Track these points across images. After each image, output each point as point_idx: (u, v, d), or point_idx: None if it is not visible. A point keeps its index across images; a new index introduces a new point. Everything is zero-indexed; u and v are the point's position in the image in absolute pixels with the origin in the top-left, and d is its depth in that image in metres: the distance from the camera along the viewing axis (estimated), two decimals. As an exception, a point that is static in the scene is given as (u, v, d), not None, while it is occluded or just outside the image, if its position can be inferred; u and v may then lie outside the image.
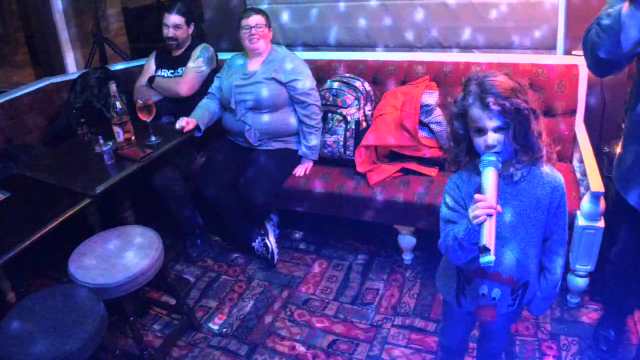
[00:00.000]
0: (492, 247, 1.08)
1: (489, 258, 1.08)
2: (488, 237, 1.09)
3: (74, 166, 2.17)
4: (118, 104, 2.17)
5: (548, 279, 1.37)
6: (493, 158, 1.15)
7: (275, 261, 2.54)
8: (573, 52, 2.36)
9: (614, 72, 1.34)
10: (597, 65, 1.35)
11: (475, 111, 1.18)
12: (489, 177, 1.14)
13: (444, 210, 1.32)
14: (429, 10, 2.64)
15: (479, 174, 1.17)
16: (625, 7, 1.18)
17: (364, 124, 2.52)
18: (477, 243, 1.11)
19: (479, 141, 1.20)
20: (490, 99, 1.15)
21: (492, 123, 1.17)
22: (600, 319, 1.98)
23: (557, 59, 2.38)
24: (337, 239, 2.71)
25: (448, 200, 1.31)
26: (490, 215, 1.10)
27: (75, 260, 1.83)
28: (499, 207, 1.12)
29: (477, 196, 1.13)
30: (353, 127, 2.49)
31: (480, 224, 1.10)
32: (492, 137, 1.17)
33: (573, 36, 2.34)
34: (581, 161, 2.12)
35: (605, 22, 1.25)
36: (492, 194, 1.12)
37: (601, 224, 1.90)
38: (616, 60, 1.27)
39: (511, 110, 1.15)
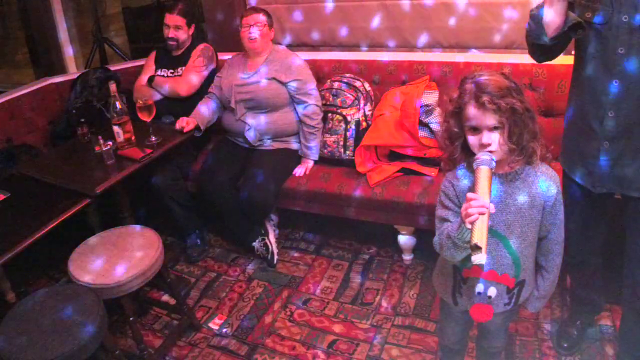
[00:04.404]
0: (484, 246, 1.08)
1: (480, 257, 1.08)
2: (480, 235, 1.08)
3: (74, 166, 2.17)
4: (118, 104, 2.17)
5: (545, 278, 1.38)
6: (487, 157, 1.15)
7: (275, 261, 2.54)
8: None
9: (548, 57, 1.53)
10: (533, 51, 1.52)
11: (471, 109, 1.19)
12: (483, 176, 1.14)
13: (438, 209, 1.33)
14: (429, 11, 2.64)
15: (473, 172, 1.17)
16: None
17: (364, 124, 2.52)
18: (469, 242, 1.10)
19: (474, 140, 1.21)
20: (486, 98, 1.16)
21: (487, 122, 1.17)
22: (568, 316, 1.99)
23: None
24: (337, 239, 2.71)
25: (443, 198, 1.32)
26: (482, 214, 1.09)
27: (75, 260, 1.83)
28: (491, 206, 1.11)
29: (469, 195, 1.12)
30: (353, 127, 2.49)
31: (472, 223, 1.10)
32: (487, 136, 1.18)
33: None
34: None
35: (534, 12, 1.42)
36: (484, 193, 1.12)
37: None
38: (544, 44, 1.42)
39: (506, 109, 1.15)
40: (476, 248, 1.08)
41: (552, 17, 1.36)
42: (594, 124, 1.45)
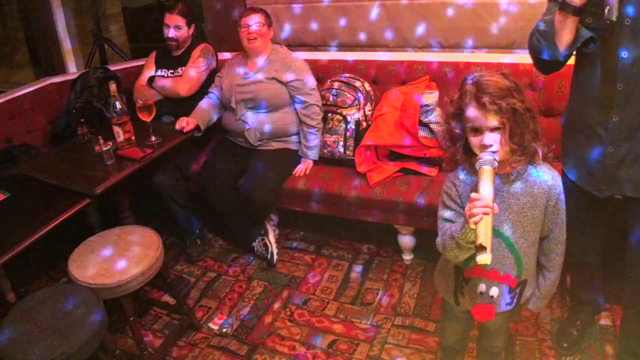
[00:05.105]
0: (488, 246, 1.08)
1: (485, 257, 1.08)
2: (484, 235, 1.08)
3: (74, 166, 2.17)
4: (118, 104, 2.17)
5: (546, 277, 1.38)
6: (490, 157, 1.15)
7: (275, 261, 2.54)
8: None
9: (557, 69, 1.49)
10: (541, 66, 1.50)
11: (472, 111, 1.19)
12: (486, 176, 1.14)
13: (441, 209, 1.33)
14: (429, 11, 2.64)
15: (475, 172, 1.17)
16: (558, 14, 1.35)
17: (364, 124, 2.52)
18: (474, 242, 1.10)
19: (475, 141, 1.21)
20: (486, 99, 1.16)
21: (488, 123, 1.17)
22: (568, 316, 2.00)
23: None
24: (337, 239, 2.71)
25: (445, 198, 1.32)
26: (486, 214, 1.09)
27: (75, 260, 1.83)
28: (495, 206, 1.12)
29: (473, 195, 1.13)
30: (353, 127, 2.49)
31: (477, 223, 1.10)
32: (489, 137, 1.18)
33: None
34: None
35: (543, 28, 1.41)
36: (488, 193, 1.12)
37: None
38: (555, 60, 1.41)
39: (507, 109, 1.15)
40: (481, 248, 1.08)
41: (565, 34, 1.35)
42: (597, 129, 1.44)
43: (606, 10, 1.26)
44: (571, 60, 1.52)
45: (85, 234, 1.99)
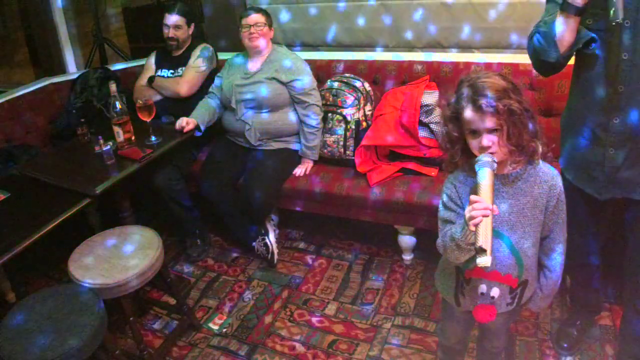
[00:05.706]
0: (488, 248, 1.08)
1: (485, 259, 1.08)
2: (484, 238, 1.08)
3: (74, 166, 2.17)
4: (118, 104, 2.17)
5: (547, 277, 1.38)
6: (488, 159, 1.15)
7: (275, 261, 2.54)
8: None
9: (557, 71, 1.46)
10: (541, 67, 1.49)
11: (469, 113, 1.18)
12: (485, 178, 1.14)
13: (441, 210, 1.33)
14: (429, 10, 2.65)
15: (475, 174, 1.17)
16: (559, 14, 1.34)
17: (364, 124, 2.52)
18: (474, 244, 1.10)
19: (474, 143, 1.20)
20: (483, 101, 1.15)
21: (485, 125, 1.17)
22: (568, 316, 2.00)
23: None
24: (337, 239, 2.71)
25: (445, 200, 1.32)
26: (486, 216, 1.09)
27: (75, 260, 1.83)
28: (495, 208, 1.11)
29: (472, 197, 1.12)
30: (353, 127, 2.49)
31: (477, 225, 1.10)
32: (487, 139, 1.17)
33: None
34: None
35: (543, 29, 1.40)
36: (487, 195, 1.12)
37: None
38: (556, 62, 1.40)
39: (504, 111, 1.15)
40: (481, 250, 1.08)
41: (566, 35, 1.34)
42: (598, 131, 1.44)
43: (611, 12, 1.24)
44: (571, 61, 1.52)
45: (85, 234, 1.99)
